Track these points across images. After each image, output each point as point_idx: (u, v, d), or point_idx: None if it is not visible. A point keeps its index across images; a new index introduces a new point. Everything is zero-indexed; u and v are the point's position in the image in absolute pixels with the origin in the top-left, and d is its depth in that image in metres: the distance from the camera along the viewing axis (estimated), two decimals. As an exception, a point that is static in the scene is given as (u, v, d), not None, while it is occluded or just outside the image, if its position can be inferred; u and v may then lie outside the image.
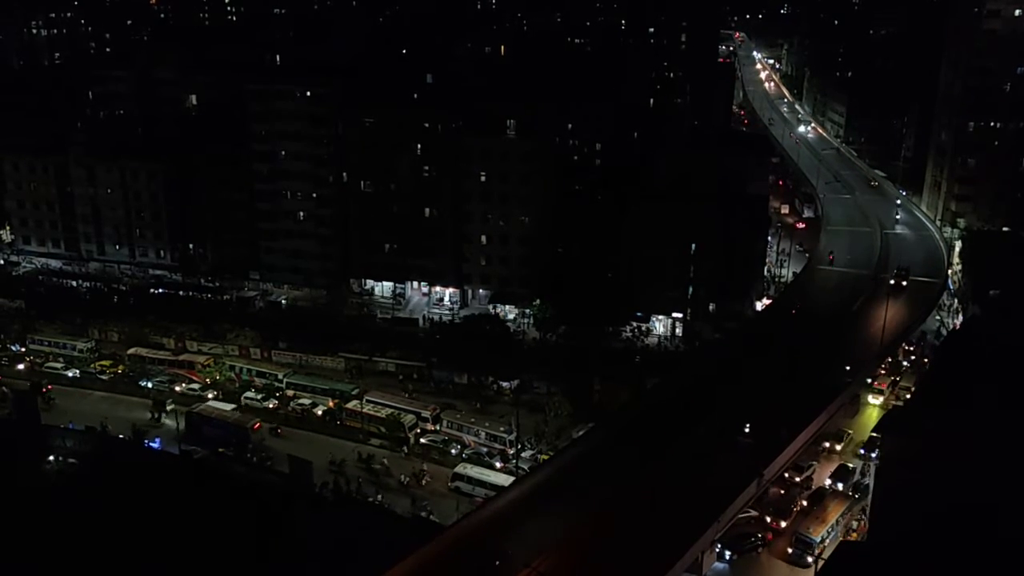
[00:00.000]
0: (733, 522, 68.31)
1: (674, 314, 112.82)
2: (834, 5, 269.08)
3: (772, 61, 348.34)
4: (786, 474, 76.76)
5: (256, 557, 67.13)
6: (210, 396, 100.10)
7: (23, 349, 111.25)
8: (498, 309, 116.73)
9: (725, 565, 69.26)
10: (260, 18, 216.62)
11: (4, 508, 73.50)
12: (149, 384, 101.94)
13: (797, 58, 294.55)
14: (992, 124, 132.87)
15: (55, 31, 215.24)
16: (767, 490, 73.80)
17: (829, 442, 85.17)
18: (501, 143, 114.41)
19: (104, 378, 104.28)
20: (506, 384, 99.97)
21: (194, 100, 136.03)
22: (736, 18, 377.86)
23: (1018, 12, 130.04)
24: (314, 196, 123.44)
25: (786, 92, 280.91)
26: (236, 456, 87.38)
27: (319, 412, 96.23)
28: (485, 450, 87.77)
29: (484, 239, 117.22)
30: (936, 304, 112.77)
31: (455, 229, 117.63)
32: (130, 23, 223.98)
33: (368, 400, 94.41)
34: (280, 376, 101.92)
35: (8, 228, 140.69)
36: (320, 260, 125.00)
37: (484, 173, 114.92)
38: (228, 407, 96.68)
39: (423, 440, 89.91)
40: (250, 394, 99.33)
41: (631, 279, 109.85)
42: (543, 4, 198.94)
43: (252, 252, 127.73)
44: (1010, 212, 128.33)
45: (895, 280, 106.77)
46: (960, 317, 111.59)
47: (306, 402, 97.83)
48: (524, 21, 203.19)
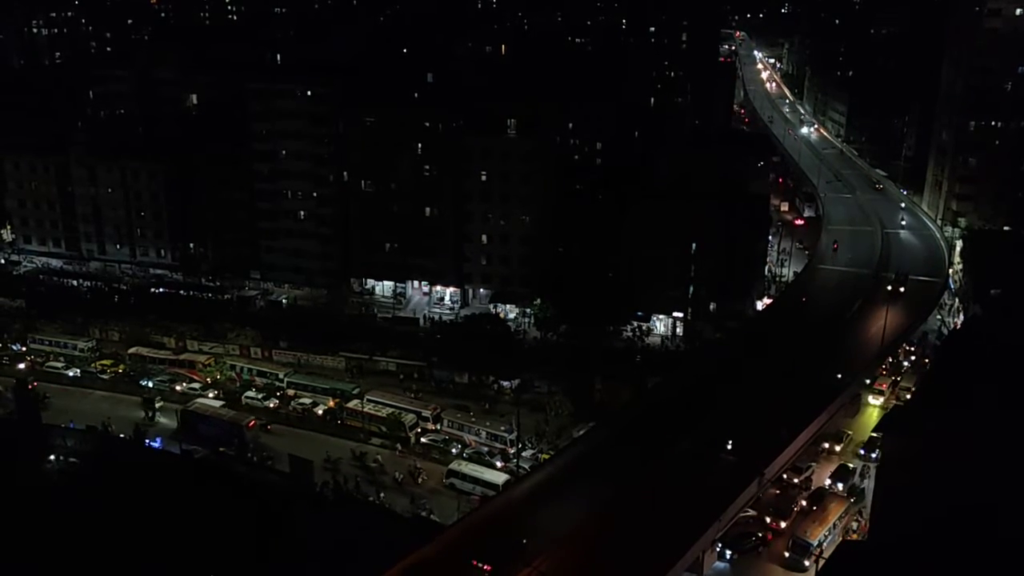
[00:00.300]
0: (734, 521, 68.36)
1: (675, 313, 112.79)
2: (835, 4, 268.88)
3: (773, 60, 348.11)
4: (784, 475, 76.55)
5: (256, 556, 67.19)
6: (210, 395, 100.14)
7: (24, 349, 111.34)
8: (499, 308, 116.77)
9: (726, 565, 69.25)
10: (261, 17, 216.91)
11: (5, 507, 73.59)
12: (150, 384, 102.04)
13: (798, 57, 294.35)
14: (993, 123, 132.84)
15: (56, 30, 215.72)
16: (766, 491, 73.69)
17: (828, 443, 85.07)
18: (502, 142, 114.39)
19: (105, 377, 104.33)
20: (507, 383, 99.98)
21: (195, 99, 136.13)
22: (736, 17, 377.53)
23: (1019, 11, 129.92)
24: (315, 195, 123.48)
25: (787, 92, 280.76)
26: (237, 455, 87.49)
27: (320, 412, 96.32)
28: (486, 449, 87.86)
29: (485, 238, 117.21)
30: (934, 308, 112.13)
31: (456, 228, 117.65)
32: (131, 22, 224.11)
33: (369, 399, 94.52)
34: (281, 376, 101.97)
35: (9, 227, 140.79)
36: (321, 259, 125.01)
37: (485, 172, 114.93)
38: (218, 403, 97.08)
39: (424, 440, 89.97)
40: (251, 394, 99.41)
41: (632, 278, 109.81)
42: (544, 3, 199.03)
43: (253, 251, 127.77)
44: (1011, 211, 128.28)
45: (892, 286, 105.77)
46: (961, 317, 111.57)
47: (307, 401, 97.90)
48: (525, 20, 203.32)
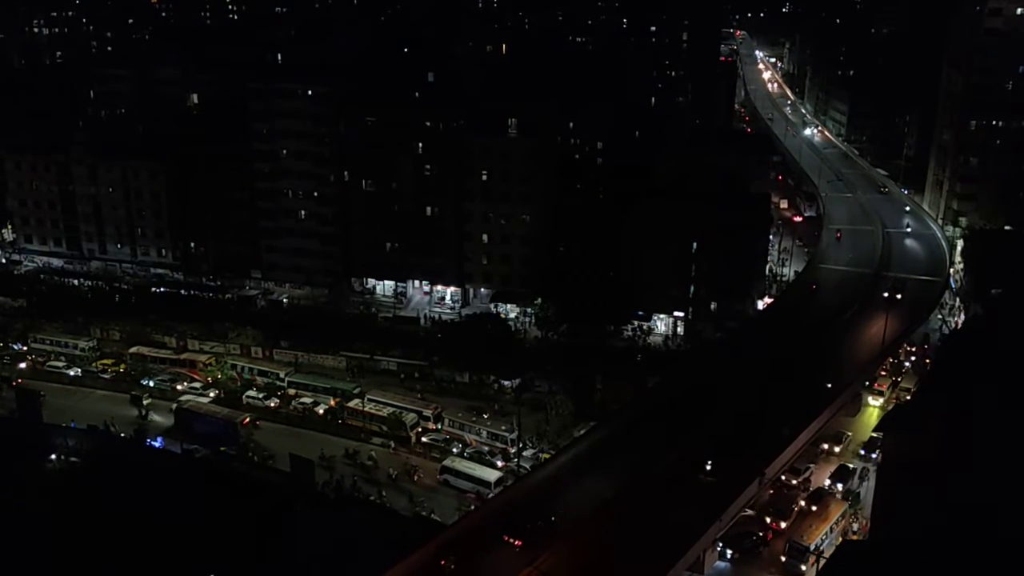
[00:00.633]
0: (734, 521, 68.37)
1: (676, 313, 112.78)
2: (836, 4, 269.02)
3: (774, 60, 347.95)
4: (783, 476, 76.27)
5: (256, 556, 67.26)
6: (198, 392, 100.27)
7: (25, 348, 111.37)
8: (499, 308, 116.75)
9: (726, 564, 69.26)
10: (261, 17, 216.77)
11: (6, 506, 73.70)
12: (151, 383, 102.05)
13: (799, 57, 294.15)
14: (994, 123, 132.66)
15: (56, 30, 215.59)
16: (765, 491, 73.56)
17: (828, 444, 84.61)
18: (502, 142, 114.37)
19: (106, 377, 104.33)
20: (508, 383, 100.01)
21: (195, 99, 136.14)
22: (737, 16, 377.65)
23: (1020, 11, 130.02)
24: (315, 195, 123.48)
25: (789, 93, 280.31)
26: (235, 454, 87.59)
27: (320, 411, 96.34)
28: (487, 449, 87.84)
29: (485, 238, 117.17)
30: (934, 308, 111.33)
31: (456, 228, 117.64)
32: (131, 22, 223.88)
33: (370, 399, 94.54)
34: (282, 375, 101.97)
35: (10, 227, 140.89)
36: (321, 259, 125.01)
37: (485, 172, 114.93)
38: (205, 400, 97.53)
39: (424, 439, 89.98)
40: (252, 393, 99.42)
41: (633, 278, 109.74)
42: (544, 3, 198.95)
43: (254, 251, 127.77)
44: (1012, 211, 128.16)
45: (889, 292, 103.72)
46: (962, 316, 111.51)
47: (308, 401, 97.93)
48: (525, 20, 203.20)
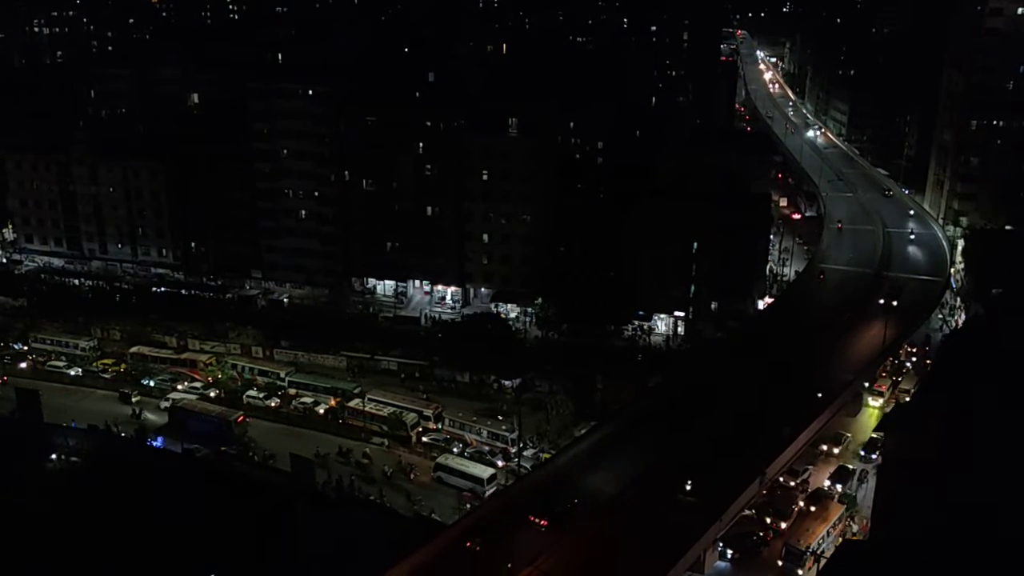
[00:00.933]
0: (734, 521, 68.37)
1: (676, 313, 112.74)
2: (836, 4, 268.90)
3: (775, 60, 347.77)
4: (781, 478, 75.98)
5: (257, 556, 67.26)
6: (196, 392, 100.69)
7: (26, 348, 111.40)
8: (500, 308, 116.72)
9: (727, 564, 69.26)
10: (262, 17, 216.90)
11: (7, 506, 73.70)
12: (151, 383, 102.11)
13: (799, 56, 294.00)
14: (994, 122, 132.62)
15: (57, 30, 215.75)
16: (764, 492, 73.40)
17: (827, 445, 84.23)
18: (503, 142, 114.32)
19: (106, 377, 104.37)
20: (508, 383, 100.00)
21: (196, 99, 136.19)
22: (738, 16, 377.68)
23: (1020, 10, 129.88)
24: (316, 194, 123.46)
25: (791, 94, 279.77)
26: (227, 451, 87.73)
27: (321, 411, 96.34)
28: (487, 448, 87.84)
29: (486, 238, 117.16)
30: (929, 315, 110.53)
31: (457, 228, 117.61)
32: (132, 22, 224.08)
33: (370, 399, 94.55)
34: (282, 375, 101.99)
35: (11, 227, 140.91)
36: (322, 258, 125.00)
37: (486, 172, 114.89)
38: (192, 397, 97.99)
39: (425, 439, 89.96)
40: (252, 393, 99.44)
41: (633, 278, 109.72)
42: (544, 3, 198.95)
43: (254, 251, 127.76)
44: (1012, 211, 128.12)
45: (885, 300, 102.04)
46: (962, 316, 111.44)
47: (308, 401, 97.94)
48: (526, 20, 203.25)
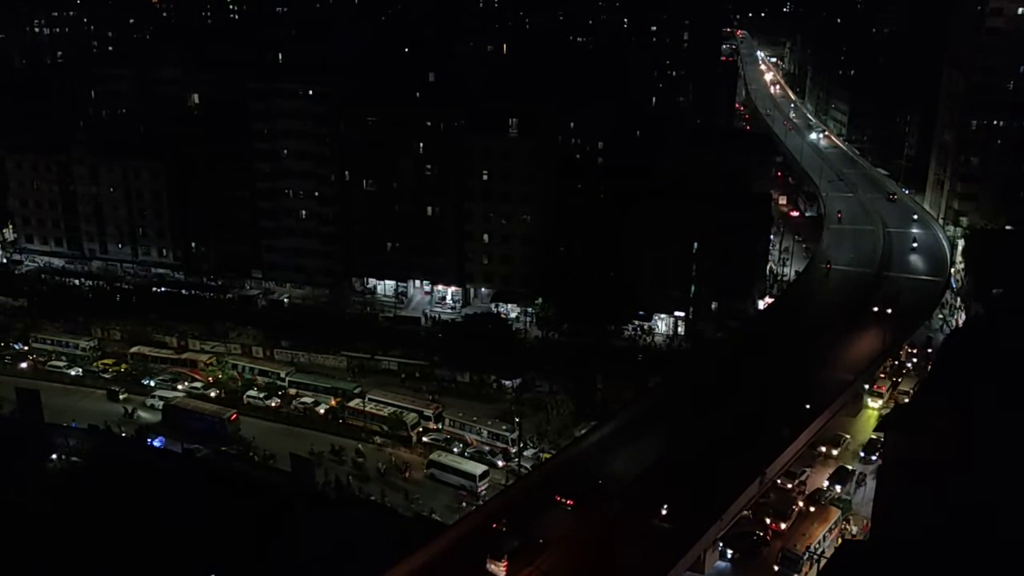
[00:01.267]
0: (735, 521, 68.34)
1: (676, 313, 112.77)
2: (836, 4, 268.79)
3: (775, 60, 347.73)
4: (778, 481, 75.46)
5: (257, 556, 67.25)
6: (180, 389, 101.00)
7: (26, 348, 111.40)
8: (500, 308, 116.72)
9: (727, 564, 69.24)
10: (262, 17, 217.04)
11: (7, 506, 73.72)
12: (152, 383, 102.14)
13: (800, 56, 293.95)
14: (995, 122, 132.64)
15: (57, 30, 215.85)
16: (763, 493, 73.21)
17: (825, 446, 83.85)
18: (503, 142, 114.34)
19: (107, 377, 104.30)
20: (508, 383, 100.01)
21: (196, 99, 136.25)
22: (738, 16, 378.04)
23: (1020, 10, 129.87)
24: (316, 194, 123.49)
25: (792, 95, 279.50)
26: (237, 454, 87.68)
27: (321, 411, 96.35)
28: (487, 448, 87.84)
29: (486, 238, 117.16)
30: (928, 317, 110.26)
31: (457, 228, 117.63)
32: (132, 22, 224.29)
33: (371, 399, 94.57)
34: (282, 375, 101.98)
35: (11, 227, 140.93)
36: (322, 258, 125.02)
37: (486, 172, 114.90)
38: (178, 395, 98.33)
39: (425, 439, 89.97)
40: (252, 393, 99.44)
41: (633, 278, 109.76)
42: (545, 3, 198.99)
43: (254, 251, 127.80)
44: (1013, 211, 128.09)
45: (879, 307, 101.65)
46: (963, 316, 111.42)
47: (308, 401, 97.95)
48: (526, 19, 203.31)
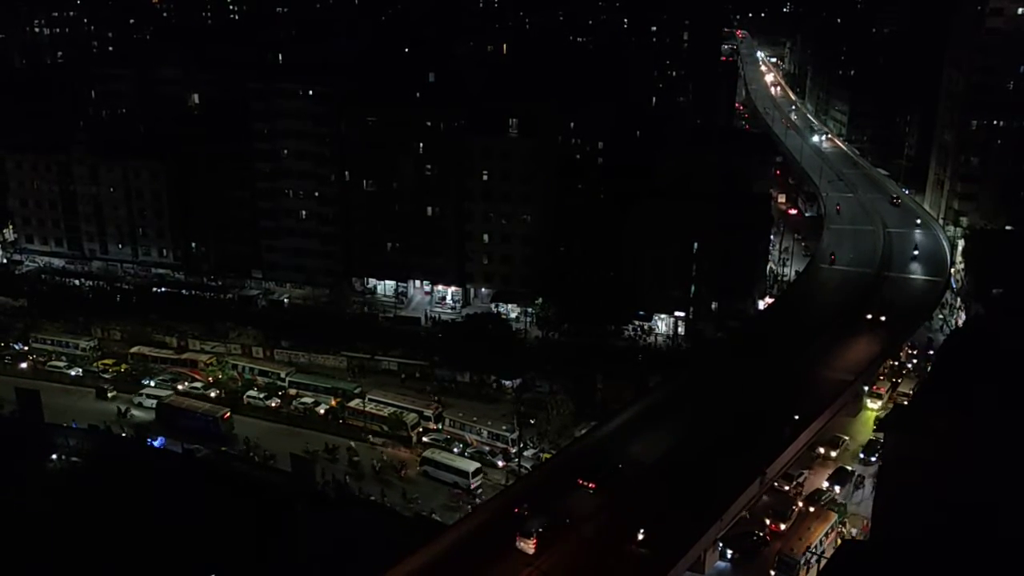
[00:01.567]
0: (735, 521, 68.33)
1: (676, 313, 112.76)
2: (836, 4, 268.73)
3: (775, 60, 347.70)
4: (775, 483, 75.05)
5: (257, 556, 67.26)
6: (167, 387, 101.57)
7: (26, 348, 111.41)
8: (500, 308, 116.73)
9: (727, 564, 69.24)
10: (262, 17, 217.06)
11: (7, 506, 73.74)
12: (152, 383, 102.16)
13: (800, 56, 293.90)
14: (995, 122, 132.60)
15: (58, 30, 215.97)
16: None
17: (824, 448, 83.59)
18: (503, 142, 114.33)
19: (107, 377, 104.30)
20: (508, 383, 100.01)
21: (196, 99, 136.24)
22: (738, 16, 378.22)
23: (1020, 10, 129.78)
24: (316, 195, 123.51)
25: (794, 96, 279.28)
26: (237, 454, 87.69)
27: (321, 411, 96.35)
28: (487, 449, 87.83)
29: (486, 238, 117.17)
30: (928, 317, 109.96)
31: (457, 228, 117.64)
32: (132, 22, 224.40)
33: (371, 399, 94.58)
34: (282, 375, 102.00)
35: (11, 227, 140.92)
36: (322, 259, 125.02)
37: (486, 172, 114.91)
38: (165, 393, 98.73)
39: (425, 439, 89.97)
40: (252, 393, 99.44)
41: (633, 278, 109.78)
42: (545, 3, 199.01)
43: (254, 251, 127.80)
44: (1013, 211, 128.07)
45: (873, 315, 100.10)
46: (963, 316, 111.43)
47: (308, 401, 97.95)
48: (526, 20, 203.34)
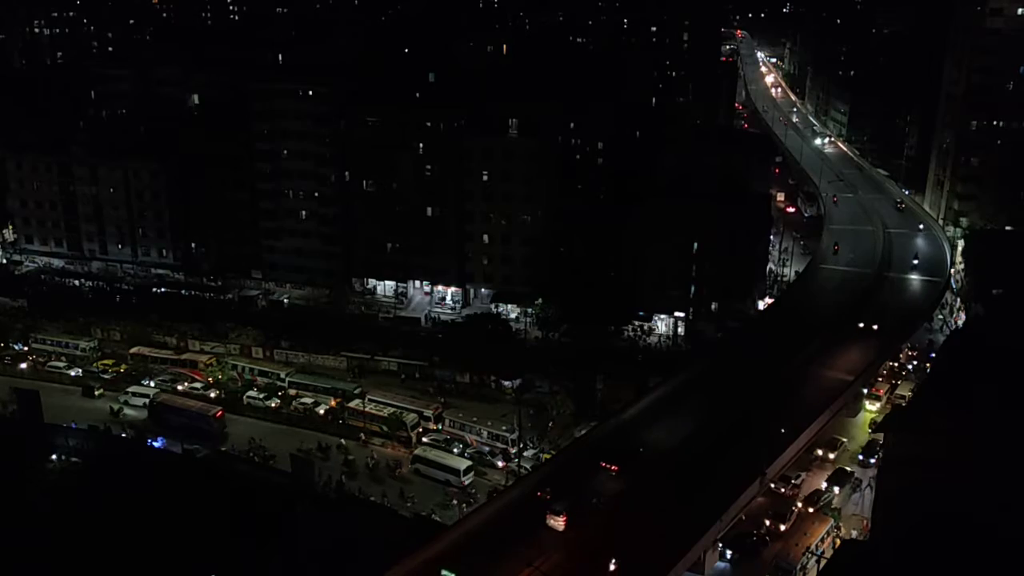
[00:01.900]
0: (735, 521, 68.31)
1: (676, 313, 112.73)
2: (837, 4, 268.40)
3: (775, 60, 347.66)
4: (772, 485, 74.88)
5: (257, 556, 67.24)
6: (151, 386, 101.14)
7: (26, 348, 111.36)
8: (500, 308, 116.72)
9: (727, 565, 69.21)
10: (262, 18, 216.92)
11: (7, 506, 73.73)
12: (152, 383, 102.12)
13: (799, 57, 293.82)
14: (995, 123, 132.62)
15: (57, 30, 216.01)
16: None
17: (822, 450, 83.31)
18: (503, 142, 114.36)
19: (107, 377, 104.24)
20: (508, 383, 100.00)
21: (196, 99, 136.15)
22: (738, 17, 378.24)
23: (1021, 11, 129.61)
24: (316, 195, 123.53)
25: (794, 97, 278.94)
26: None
27: (321, 411, 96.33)
28: (487, 449, 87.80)
29: (486, 238, 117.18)
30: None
31: (457, 228, 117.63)
32: (132, 22, 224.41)
33: (371, 399, 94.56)
34: (282, 375, 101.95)
35: (11, 227, 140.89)
36: (322, 259, 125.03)
37: (486, 172, 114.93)
38: (153, 391, 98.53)
39: (425, 439, 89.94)
40: (252, 393, 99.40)
41: (633, 278, 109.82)
42: (545, 3, 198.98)
43: (254, 251, 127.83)
44: (1013, 211, 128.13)
45: (864, 323, 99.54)
46: (962, 316, 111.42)
47: (308, 401, 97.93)
48: (526, 20, 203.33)
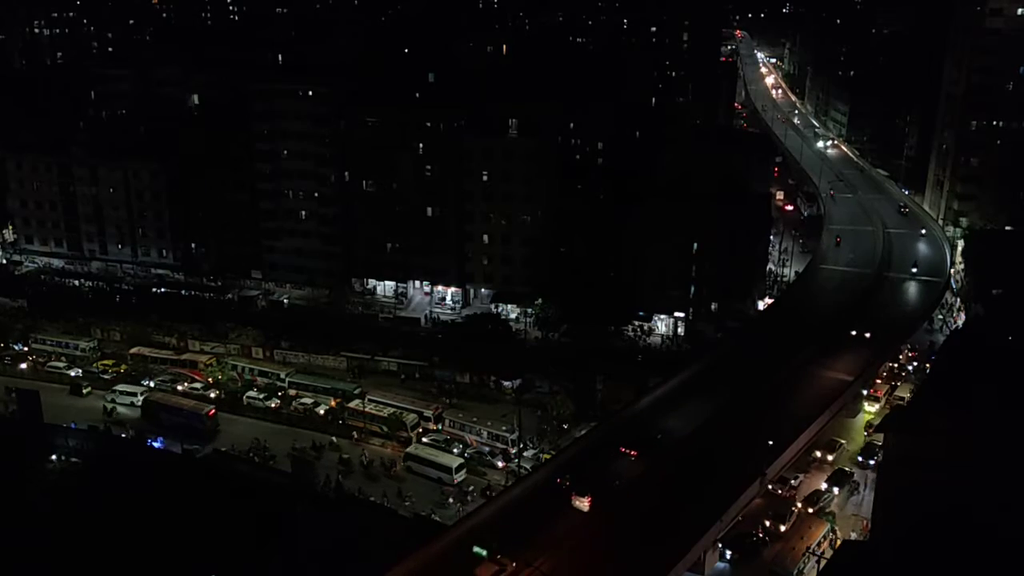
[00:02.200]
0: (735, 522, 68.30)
1: (676, 313, 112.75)
2: (836, 4, 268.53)
3: (774, 60, 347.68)
4: (769, 486, 74.58)
5: (257, 556, 67.26)
6: (142, 385, 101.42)
7: (26, 348, 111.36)
8: (500, 308, 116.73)
9: (726, 565, 69.19)
10: (262, 18, 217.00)
11: (6, 506, 73.75)
12: (151, 383, 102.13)
13: (799, 57, 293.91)
14: (995, 123, 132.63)
15: (57, 30, 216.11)
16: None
17: (821, 451, 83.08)
18: (503, 142, 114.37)
19: (107, 377, 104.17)
20: (508, 383, 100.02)
21: (196, 100, 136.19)
22: (738, 17, 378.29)
23: (1020, 11, 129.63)
24: (316, 195, 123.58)
25: (793, 96, 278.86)
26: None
27: (321, 411, 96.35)
28: (487, 449, 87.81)
29: (486, 238, 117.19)
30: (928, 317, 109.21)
31: (457, 228, 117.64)
32: (132, 23, 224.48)
33: (370, 399, 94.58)
34: (282, 375, 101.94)
35: (11, 227, 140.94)
36: (322, 259, 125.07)
37: (486, 172, 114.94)
38: (140, 389, 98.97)
39: (425, 439, 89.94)
40: (252, 394, 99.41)
41: (633, 278, 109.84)
42: (545, 3, 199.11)
43: (254, 251, 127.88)
44: (1013, 211, 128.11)
45: (857, 331, 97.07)
46: (962, 316, 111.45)
47: (308, 401, 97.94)
48: (526, 20, 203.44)
